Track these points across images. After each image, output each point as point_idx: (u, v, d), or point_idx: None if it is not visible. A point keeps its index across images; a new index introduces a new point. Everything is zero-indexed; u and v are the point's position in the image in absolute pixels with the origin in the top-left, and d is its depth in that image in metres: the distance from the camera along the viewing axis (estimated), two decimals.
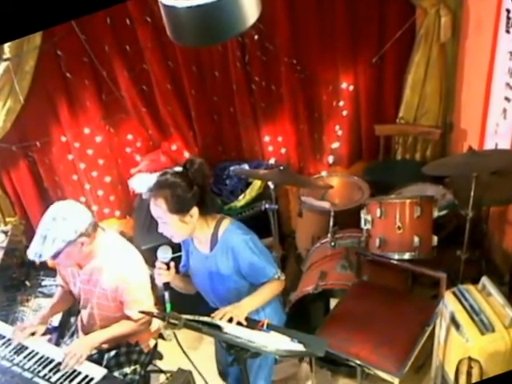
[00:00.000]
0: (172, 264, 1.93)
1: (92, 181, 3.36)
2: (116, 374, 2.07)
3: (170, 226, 1.87)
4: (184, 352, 1.79)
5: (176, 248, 2.85)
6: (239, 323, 1.76)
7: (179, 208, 1.84)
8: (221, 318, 1.74)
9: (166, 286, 1.89)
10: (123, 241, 2.20)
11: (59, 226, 1.93)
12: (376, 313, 2.31)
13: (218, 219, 1.97)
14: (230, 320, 1.74)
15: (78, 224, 1.97)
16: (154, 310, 2.10)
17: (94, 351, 2.15)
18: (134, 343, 2.21)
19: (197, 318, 1.67)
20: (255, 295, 1.95)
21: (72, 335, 2.32)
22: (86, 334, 2.23)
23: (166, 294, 1.85)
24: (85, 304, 2.21)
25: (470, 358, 2.03)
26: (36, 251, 1.95)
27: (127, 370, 2.13)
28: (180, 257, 2.12)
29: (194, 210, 1.87)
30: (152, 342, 2.30)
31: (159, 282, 1.90)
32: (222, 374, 2.29)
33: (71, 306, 2.36)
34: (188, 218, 1.87)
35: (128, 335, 2.16)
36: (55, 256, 1.96)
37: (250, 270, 1.95)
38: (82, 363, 1.97)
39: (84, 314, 2.24)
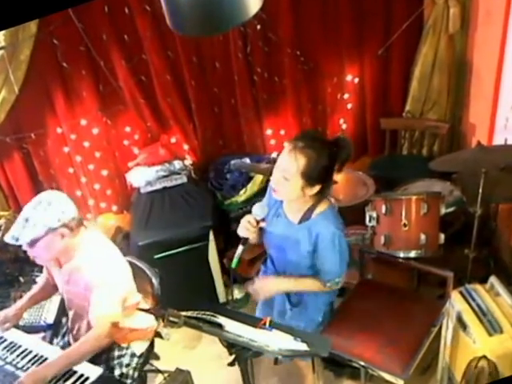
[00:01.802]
0: (262, 224, 1.93)
1: (88, 174, 3.32)
2: None
3: (289, 185, 1.81)
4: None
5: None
6: (240, 321, 1.69)
7: (310, 176, 1.78)
8: None
9: (245, 240, 1.90)
10: (106, 241, 2.11)
11: (43, 210, 1.87)
12: (381, 312, 2.28)
13: (318, 197, 1.92)
14: None
15: (63, 213, 1.91)
16: (150, 308, 2.04)
17: None
18: (126, 346, 2.12)
19: (195, 314, 1.61)
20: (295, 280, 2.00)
21: (64, 336, 2.25)
22: (74, 335, 2.14)
23: (240, 248, 1.88)
24: (69, 305, 2.14)
25: (486, 358, 1.99)
26: (13, 234, 1.86)
27: (117, 374, 2.05)
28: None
29: (317, 187, 1.83)
30: (145, 344, 2.20)
31: (242, 235, 1.90)
32: None
33: (50, 296, 2.32)
34: (307, 190, 1.83)
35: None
36: (33, 243, 1.87)
37: (320, 260, 1.95)
38: None
39: (70, 314, 2.16)
